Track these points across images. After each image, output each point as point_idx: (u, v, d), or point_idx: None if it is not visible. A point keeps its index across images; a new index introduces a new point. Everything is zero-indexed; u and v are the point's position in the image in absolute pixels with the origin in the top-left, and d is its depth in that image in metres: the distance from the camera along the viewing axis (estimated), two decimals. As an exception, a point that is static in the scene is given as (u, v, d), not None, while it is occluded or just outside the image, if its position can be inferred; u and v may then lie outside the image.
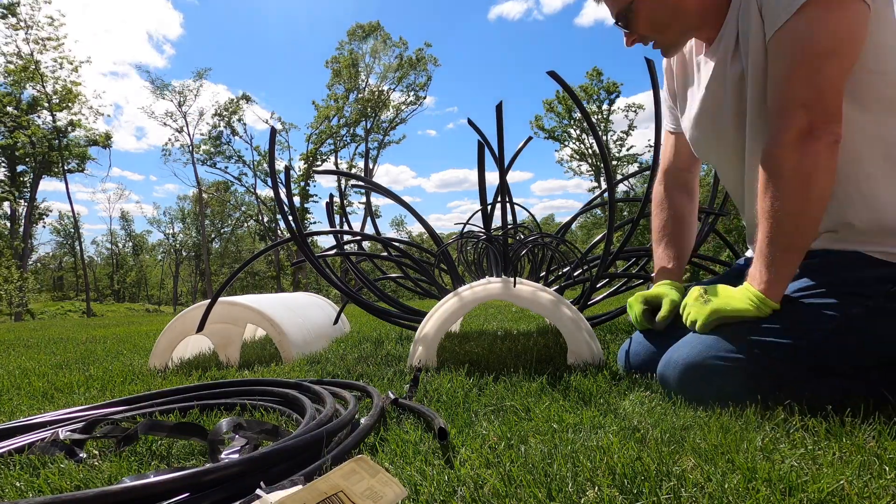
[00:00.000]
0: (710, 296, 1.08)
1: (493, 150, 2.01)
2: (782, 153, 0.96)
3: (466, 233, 2.54)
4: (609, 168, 1.79)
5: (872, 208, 1.00)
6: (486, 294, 1.63)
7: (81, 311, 28.98)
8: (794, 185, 0.95)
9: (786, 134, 0.96)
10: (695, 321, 1.08)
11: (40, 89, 24.19)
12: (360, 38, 28.57)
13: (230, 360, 2.03)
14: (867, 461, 0.70)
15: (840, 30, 0.92)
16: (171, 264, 43.67)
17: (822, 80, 0.93)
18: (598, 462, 0.74)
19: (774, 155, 0.97)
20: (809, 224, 0.97)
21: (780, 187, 0.97)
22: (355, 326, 3.39)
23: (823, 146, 0.94)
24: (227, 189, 34.37)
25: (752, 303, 1.01)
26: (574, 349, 1.53)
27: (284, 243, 2.39)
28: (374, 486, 0.62)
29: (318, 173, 23.15)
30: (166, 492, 0.64)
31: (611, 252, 1.98)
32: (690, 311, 1.10)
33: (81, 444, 0.98)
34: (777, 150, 0.97)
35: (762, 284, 1.01)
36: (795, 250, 0.98)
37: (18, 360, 2.78)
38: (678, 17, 1.14)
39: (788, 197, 0.96)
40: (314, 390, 1.17)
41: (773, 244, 0.98)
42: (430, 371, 1.55)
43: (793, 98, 0.96)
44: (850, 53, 0.94)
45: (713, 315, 1.04)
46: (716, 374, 1.01)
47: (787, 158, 0.96)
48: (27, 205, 25.91)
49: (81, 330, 5.63)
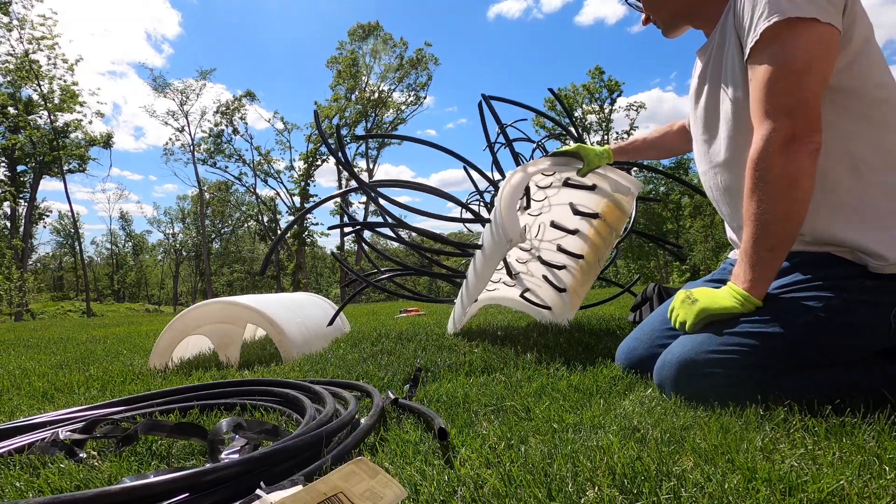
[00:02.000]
0: (695, 297, 1.12)
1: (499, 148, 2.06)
2: (769, 159, 1.00)
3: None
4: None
5: (835, 218, 1.04)
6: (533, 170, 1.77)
7: (81, 311, 28.98)
8: (780, 189, 0.99)
9: (772, 141, 0.99)
10: (684, 322, 1.12)
11: (36, 89, 24.17)
12: (360, 38, 28.59)
13: (230, 360, 2.03)
14: (867, 461, 0.70)
15: (811, 48, 0.97)
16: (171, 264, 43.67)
17: (804, 91, 0.97)
18: (598, 462, 0.74)
19: (761, 161, 1.01)
20: (794, 226, 1.01)
21: (766, 191, 1.00)
22: (355, 326, 3.39)
23: (806, 153, 0.98)
24: (228, 189, 34.41)
25: (737, 300, 1.05)
26: None
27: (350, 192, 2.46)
28: (373, 487, 0.62)
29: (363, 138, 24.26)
30: (166, 492, 0.64)
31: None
32: (679, 313, 1.14)
33: (81, 444, 0.98)
34: (763, 156, 1.00)
35: (746, 283, 1.05)
36: (779, 250, 1.02)
37: (18, 360, 2.78)
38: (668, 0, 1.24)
39: (774, 201, 1.00)
40: (314, 390, 1.17)
41: (759, 245, 1.02)
42: (430, 369, 1.55)
43: (777, 107, 0.99)
44: (824, 69, 0.98)
45: (702, 314, 1.09)
46: (710, 368, 1.04)
47: (773, 164, 0.99)
48: (27, 205, 25.92)
49: (81, 330, 5.63)
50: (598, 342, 1.90)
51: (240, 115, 29.82)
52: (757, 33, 0.99)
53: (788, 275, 1.08)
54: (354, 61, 28.28)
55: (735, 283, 1.07)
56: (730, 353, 1.03)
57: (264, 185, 31.40)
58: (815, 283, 1.03)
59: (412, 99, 29.83)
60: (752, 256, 1.03)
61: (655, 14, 1.28)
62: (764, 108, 1.01)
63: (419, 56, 28.93)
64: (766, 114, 1.00)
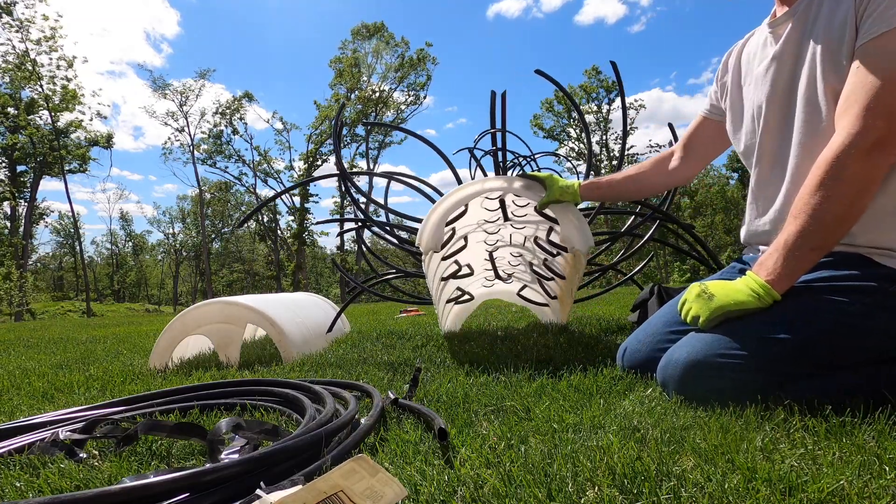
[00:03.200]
0: (711, 292, 1.08)
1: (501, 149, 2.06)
2: (850, 157, 0.96)
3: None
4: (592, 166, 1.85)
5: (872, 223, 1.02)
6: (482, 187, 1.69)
7: (81, 311, 28.98)
8: (851, 191, 0.96)
9: (861, 140, 0.95)
10: (697, 316, 1.08)
11: (38, 89, 24.16)
12: (364, 37, 28.58)
13: (230, 360, 2.03)
14: (867, 461, 0.70)
15: None
16: (171, 264, 43.66)
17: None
18: (598, 462, 0.74)
19: (840, 157, 0.97)
20: (845, 231, 0.99)
21: (836, 190, 0.97)
22: (355, 326, 3.39)
23: (886, 161, 0.96)
24: (228, 189, 34.41)
25: (755, 293, 1.03)
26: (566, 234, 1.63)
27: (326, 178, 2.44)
28: (373, 485, 0.62)
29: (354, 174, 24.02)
30: (166, 492, 0.64)
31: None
32: (692, 307, 1.10)
33: (81, 444, 0.98)
34: (845, 153, 0.97)
35: (773, 275, 1.02)
36: (821, 251, 1.00)
37: (18, 360, 2.78)
38: None
39: (840, 200, 0.96)
40: (314, 390, 1.17)
41: (805, 240, 0.99)
42: (430, 369, 1.55)
43: (878, 106, 0.95)
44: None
45: (718, 311, 1.05)
46: (717, 371, 1.02)
47: (852, 163, 0.96)
48: (27, 205, 25.92)
49: (81, 330, 5.63)
50: (598, 342, 1.90)
51: (239, 115, 29.83)
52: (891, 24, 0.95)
53: (811, 273, 1.05)
54: (356, 61, 28.27)
55: (758, 273, 1.04)
56: (739, 357, 1.00)
57: (264, 185, 31.44)
58: (837, 284, 1.01)
59: (412, 99, 29.85)
60: (792, 250, 1.00)
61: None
62: (864, 104, 0.96)
63: (420, 56, 28.93)
64: (864, 110, 0.96)
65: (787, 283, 1.02)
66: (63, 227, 39.98)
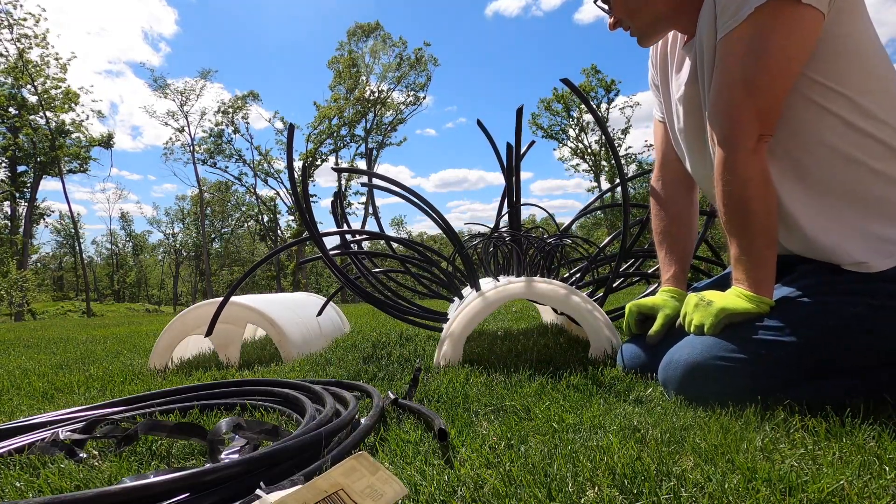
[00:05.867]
0: (709, 299, 1.08)
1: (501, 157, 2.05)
2: (745, 157, 1.01)
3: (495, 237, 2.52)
4: (622, 167, 1.78)
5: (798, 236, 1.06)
6: (509, 294, 1.64)
7: (81, 311, 28.99)
8: (760, 186, 1.00)
9: (747, 139, 1.00)
10: (700, 325, 1.07)
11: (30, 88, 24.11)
12: (359, 38, 28.59)
13: (230, 360, 2.03)
14: (867, 461, 0.70)
15: (790, 43, 0.95)
16: (171, 264, 43.68)
17: (776, 91, 0.98)
18: (598, 462, 0.74)
19: (737, 159, 1.01)
20: (768, 204, 1.02)
21: (729, 182, 1.02)
22: (355, 326, 3.39)
23: (765, 151, 1.01)
24: (228, 189, 34.42)
25: (752, 301, 1.03)
26: (596, 344, 1.59)
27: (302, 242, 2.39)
28: (374, 483, 0.62)
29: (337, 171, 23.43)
30: (166, 492, 0.64)
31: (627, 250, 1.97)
32: (694, 317, 1.09)
33: (81, 444, 0.98)
34: (739, 154, 1.01)
35: (748, 282, 1.04)
36: (765, 236, 1.02)
37: (18, 360, 2.78)
38: (648, 4, 1.15)
39: (735, 184, 1.02)
40: (314, 390, 1.17)
41: (753, 243, 1.02)
42: (429, 369, 1.55)
43: (748, 105, 0.99)
44: (796, 70, 0.98)
45: (721, 314, 1.04)
46: (718, 374, 1.01)
47: (749, 161, 1.01)
48: (27, 205, 25.92)
49: (81, 330, 5.63)
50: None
51: (242, 114, 29.82)
52: (738, 19, 0.97)
53: (809, 278, 1.05)
54: (354, 62, 28.27)
55: (740, 286, 1.05)
56: (740, 360, 1.00)
57: (264, 185, 31.46)
58: (837, 286, 1.00)
59: (411, 99, 29.85)
60: (751, 256, 1.03)
61: (634, 19, 1.17)
62: (733, 102, 1.02)
63: (418, 56, 28.93)
64: (734, 109, 1.01)
65: (768, 285, 1.03)
66: (63, 226, 40.02)
